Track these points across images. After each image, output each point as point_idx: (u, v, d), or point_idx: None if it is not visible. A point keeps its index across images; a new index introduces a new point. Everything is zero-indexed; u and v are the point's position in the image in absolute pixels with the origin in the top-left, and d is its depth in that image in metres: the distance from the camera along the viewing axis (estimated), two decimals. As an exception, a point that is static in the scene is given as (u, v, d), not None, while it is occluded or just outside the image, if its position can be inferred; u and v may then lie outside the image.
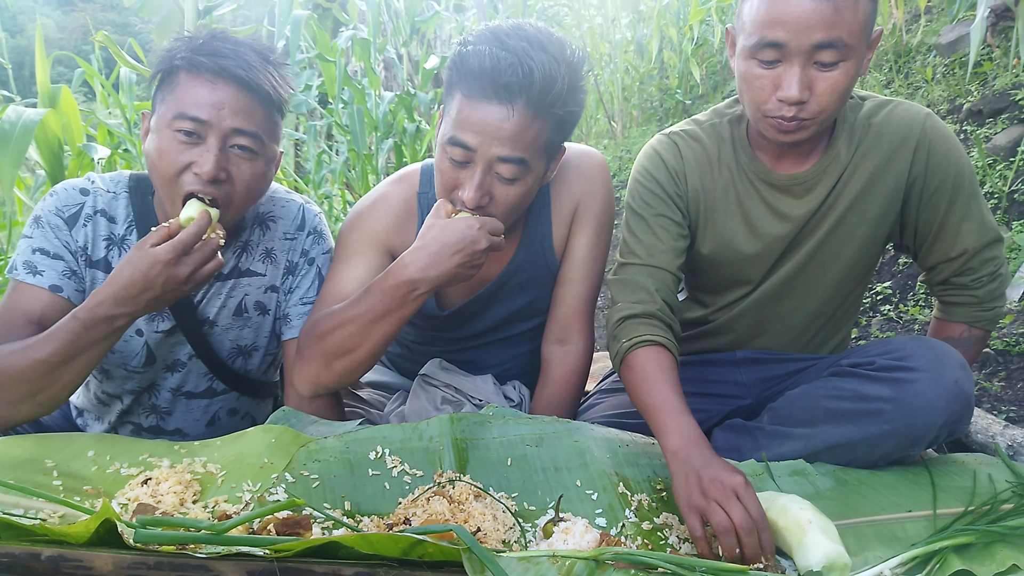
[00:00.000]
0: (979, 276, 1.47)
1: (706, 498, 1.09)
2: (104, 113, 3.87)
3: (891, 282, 2.92)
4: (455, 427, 1.37)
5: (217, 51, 1.31)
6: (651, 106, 7.53)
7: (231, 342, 1.57)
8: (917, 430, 1.30)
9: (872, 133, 1.43)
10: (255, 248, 1.56)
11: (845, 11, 1.21)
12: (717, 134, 1.52)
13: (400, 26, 4.71)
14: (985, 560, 1.07)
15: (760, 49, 1.27)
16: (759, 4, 1.26)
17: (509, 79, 1.29)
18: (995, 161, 2.91)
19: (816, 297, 1.54)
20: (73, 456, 1.27)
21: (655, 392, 1.29)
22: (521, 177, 1.38)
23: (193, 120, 1.29)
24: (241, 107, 1.32)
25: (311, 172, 4.66)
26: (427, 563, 0.94)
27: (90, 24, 14.79)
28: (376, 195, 1.60)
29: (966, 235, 1.44)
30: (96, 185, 1.46)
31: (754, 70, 1.29)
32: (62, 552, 0.88)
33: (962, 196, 1.42)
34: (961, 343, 1.50)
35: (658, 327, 1.40)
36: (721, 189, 1.50)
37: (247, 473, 1.25)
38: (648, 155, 1.54)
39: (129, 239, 1.45)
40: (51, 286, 1.37)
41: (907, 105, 1.44)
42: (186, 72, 1.31)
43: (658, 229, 1.49)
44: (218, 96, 1.30)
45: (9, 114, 2.31)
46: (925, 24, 4.24)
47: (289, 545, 0.92)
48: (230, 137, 1.32)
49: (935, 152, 1.40)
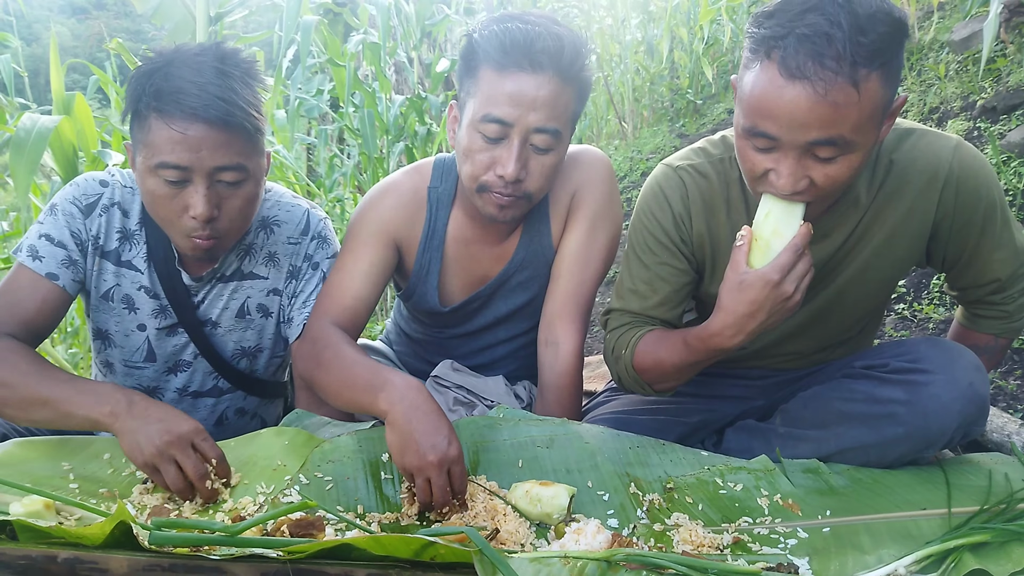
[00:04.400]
0: (1010, 293, 1.41)
1: None
2: (118, 119, 3.90)
3: (905, 281, 2.90)
4: (465, 431, 1.37)
5: (181, 90, 1.26)
6: (662, 106, 7.50)
7: (235, 343, 1.59)
8: (931, 433, 1.28)
9: (895, 173, 1.31)
10: (258, 251, 1.57)
11: (846, 108, 1.07)
12: (726, 172, 1.40)
13: (410, 30, 4.72)
14: (1001, 559, 1.06)
15: (753, 136, 1.15)
16: (752, 86, 1.13)
17: (542, 46, 1.33)
18: (1009, 158, 2.88)
19: (833, 332, 1.50)
20: (89, 459, 1.29)
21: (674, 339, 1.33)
22: (554, 148, 1.41)
23: (175, 168, 1.28)
24: (219, 143, 1.29)
25: (323, 176, 4.68)
26: (439, 564, 0.94)
27: (104, 32, 14.91)
28: (387, 184, 1.61)
29: (998, 264, 1.37)
30: (115, 178, 1.49)
31: (748, 152, 1.19)
32: (78, 554, 0.89)
33: (992, 228, 1.33)
34: (986, 351, 1.47)
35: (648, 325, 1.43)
36: (728, 232, 1.40)
37: (261, 475, 1.26)
38: (654, 193, 1.44)
39: (138, 235, 1.48)
40: (48, 274, 1.40)
41: (932, 136, 1.31)
42: (156, 119, 1.28)
43: (657, 281, 1.44)
44: (193, 139, 1.27)
45: (24, 121, 2.33)
46: (938, 21, 4.21)
47: (302, 547, 0.93)
48: (215, 174, 1.31)
49: (964, 188, 1.29)
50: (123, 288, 1.50)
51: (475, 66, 1.40)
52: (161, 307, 1.52)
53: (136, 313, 1.52)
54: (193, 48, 1.34)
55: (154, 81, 1.28)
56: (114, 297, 1.50)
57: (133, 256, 1.49)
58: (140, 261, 1.49)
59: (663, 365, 1.36)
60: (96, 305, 1.51)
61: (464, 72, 1.43)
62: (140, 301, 1.51)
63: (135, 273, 1.49)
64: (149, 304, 1.51)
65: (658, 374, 1.38)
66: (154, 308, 1.52)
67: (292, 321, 1.58)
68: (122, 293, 1.50)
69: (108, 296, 1.50)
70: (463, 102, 1.44)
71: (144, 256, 1.49)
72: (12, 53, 3.79)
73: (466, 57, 1.42)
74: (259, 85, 1.38)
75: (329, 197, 4.48)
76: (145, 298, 1.51)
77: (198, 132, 1.27)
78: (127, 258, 1.49)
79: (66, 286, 1.42)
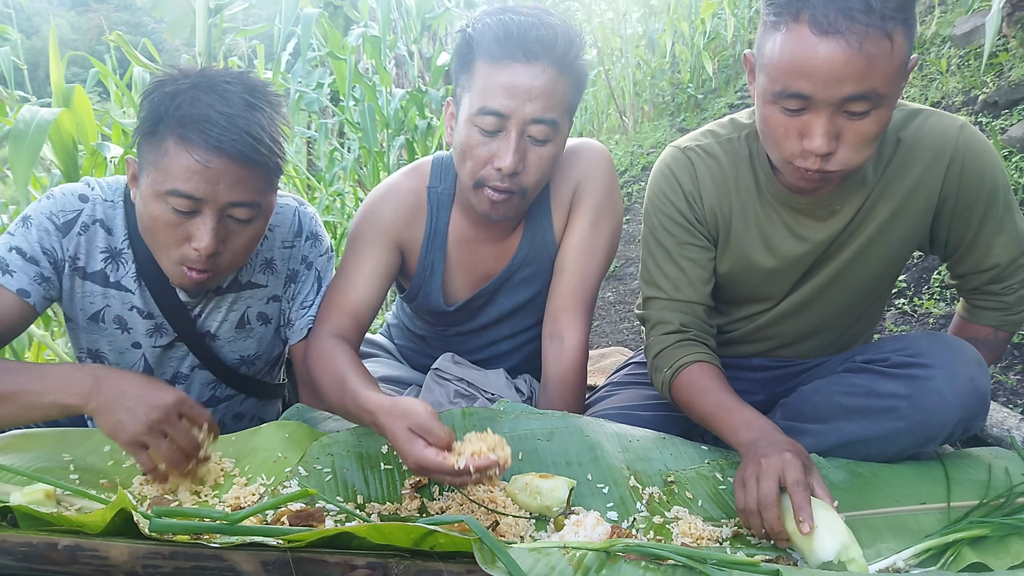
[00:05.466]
0: (1010, 284, 1.42)
1: (760, 468, 1.10)
2: (118, 112, 3.90)
3: (905, 275, 2.90)
4: (467, 421, 1.37)
5: (208, 119, 1.20)
6: (663, 101, 7.49)
7: (234, 353, 1.56)
8: (932, 427, 1.28)
9: (902, 151, 1.34)
10: (254, 260, 1.51)
11: (879, 60, 1.10)
12: (735, 151, 1.43)
13: (411, 23, 4.71)
14: (1000, 553, 1.06)
15: (784, 98, 1.17)
16: (782, 48, 1.14)
17: (536, 35, 1.33)
18: (1011, 153, 2.87)
19: (838, 313, 1.52)
20: (90, 451, 1.29)
21: (709, 400, 1.32)
22: (552, 139, 1.40)
23: (188, 198, 1.22)
24: (238, 179, 1.24)
25: (323, 170, 4.68)
26: (439, 553, 0.94)
27: (104, 24, 14.89)
28: (387, 186, 1.60)
29: (999, 249, 1.38)
30: (95, 192, 1.40)
31: (777, 116, 1.20)
32: (79, 542, 0.89)
33: (995, 211, 1.35)
34: (985, 344, 1.47)
35: (694, 347, 1.42)
36: (739, 210, 1.44)
37: (261, 467, 1.27)
38: (664, 175, 1.47)
39: (126, 253, 1.41)
40: (19, 290, 1.31)
41: (939, 116, 1.34)
42: (175, 142, 1.21)
43: (683, 260, 1.46)
44: (213, 172, 1.21)
45: (23, 114, 2.32)
46: (940, 15, 4.20)
47: (302, 536, 0.93)
48: (227, 209, 1.26)
49: (968, 168, 1.32)
50: (113, 309, 1.44)
51: (470, 60, 1.39)
52: (156, 326, 1.47)
53: (130, 333, 1.47)
54: (220, 73, 1.27)
55: (179, 104, 1.21)
56: (105, 318, 1.44)
57: (122, 276, 1.42)
58: (129, 281, 1.42)
59: (692, 410, 1.38)
60: (85, 327, 1.45)
61: (459, 68, 1.43)
62: (133, 321, 1.45)
63: (125, 293, 1.43)
64: (143, 324, 1.46)
65: (685, 410, 1.41)
66: (148, 328, 1.46)
67: (292, 324, 1.57)
68: (113, 314, 1.44)
69: (98, 318, 1.44)
70: (459, 98, 1.44)
71: (134, 275, 1.42)
72: (12, 46, 3.79)
73: (460, 52, 1.42)
74: (283, 122, 1.32)
75: (329, 191, 4.47)
76: (138, 318, 1.45)
77: (219, 166, 1.21)
78: (115, 279, 1.42)
79: (36, 304, 1.34)
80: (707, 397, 1.33)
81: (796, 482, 1.06)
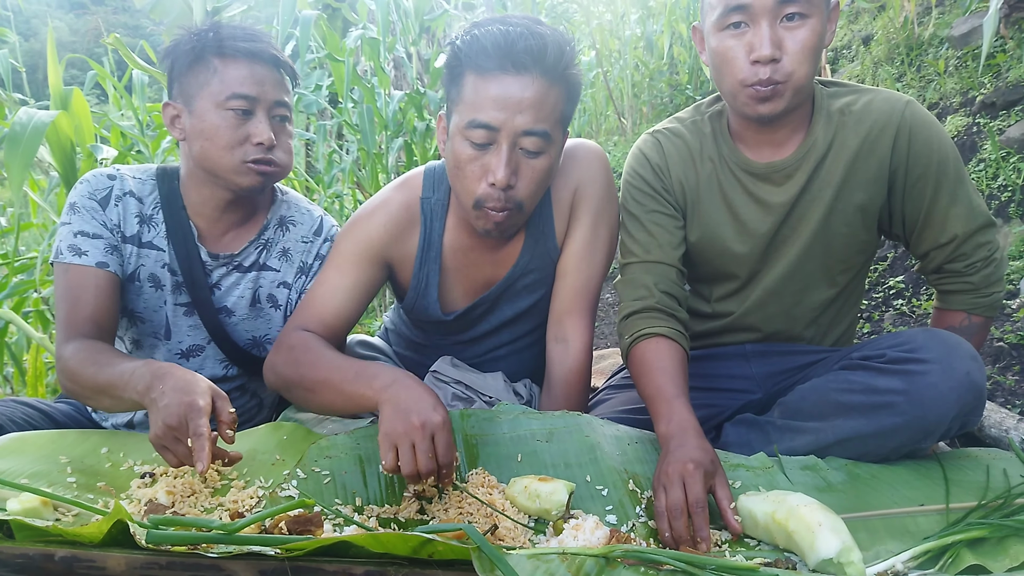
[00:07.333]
0: (972, 262, 1.47)
1: (667, 477, 1.15)
2: (117, 115, 3.89)
3: (903, 276, 2.90)
4: (465, 423, 1.37)
5: (237, 36, 1.47)
6: (661, 102, 7.49)
7: (247, 332, 1.67)
8: (929, 422, 1.29)
9: (851, 119, 1.44)
10: (274, 246, 1.67)
11: None
12: (699, 129, 1.57)
13: (409, 25, 4.70)
14: (998, 554, 1.06)
15: (727, 14, 1.33)
16: None
17: (525, 46, 1.32)
18: (1008, 154, 2.87)
19: (813, 288, 1.55)
20: (87, 453, 1.29)
21: (651, 382, 1.36)
22: (545, 150, 1.39)
23: (244, 98, 1.45)
24: (276, 81, 1.50)
25: (322, 172, 4.67)
26: (437, 562, 0.94)
27: (102, 27, 14.88)
28: (377, 202, 1.59)
29: (954, 220, 1.44)
30: (122, 172, 1.58)
31: (726, 42, 1.35)
32: (75, 553, 0.89)
33: (947, 182, 1.43)
34: (962, 331, 1.50)
35: (657, 318, 1.47)
36: (704, 180, 1.55)
37: (259, 470, 1.27)
38: (634, 155, 1.61)
39: (156, 217, 1.57)
40: (97, 263, 1.48)
41: (887, 93, 1.45)
42: (219, 59, 1.46)
43: (651, 226, 1.55)
44: (258, 74, 1.47)
45: (20, 116, 2.32)
46: (937, 16, 4.20)
47: (300, 544, 0.92)
48: (273, 108, 1.49)
49: (916, 139, 1.41)
50: (148, 267, 1.58)
51: (459, 74, 1.38)
52: (178, 284, 1.60)
53: (161, 291, 1.60)
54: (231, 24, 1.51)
55: (210, 35, 1.46)
56: (140, 276, 1.58)
57: (153, 236, 1.58)
58: (160, 240, 1.58)
59: (637, 386, 1.43)
60: (124, 287, 1.57)
61: (449, 81, 1.42)
62: (164, 278, 1.59)
63: (157, 252, 1.58)
64: (171, 280, 1.59)
65: (635, 384, 1.45)
66: (174, 283, 1.60)
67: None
68: (147, 272, 1.58)
69: (135, 277, 1.58)
70: (450, 111, 1.43)
71: (164, 235, 1.57)
72: (10, 48, 3.79)
73: (450, 66, 1.41)
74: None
75: (328, 193, 4.47)
76: (168, 275, 1.59)
77: (260, 68, 1.47)
78: (148, 239, 1.57)
79: (116, 271, 1.51)
80: (650, 377, 1.37)
81: (696, 502, 1.11)
